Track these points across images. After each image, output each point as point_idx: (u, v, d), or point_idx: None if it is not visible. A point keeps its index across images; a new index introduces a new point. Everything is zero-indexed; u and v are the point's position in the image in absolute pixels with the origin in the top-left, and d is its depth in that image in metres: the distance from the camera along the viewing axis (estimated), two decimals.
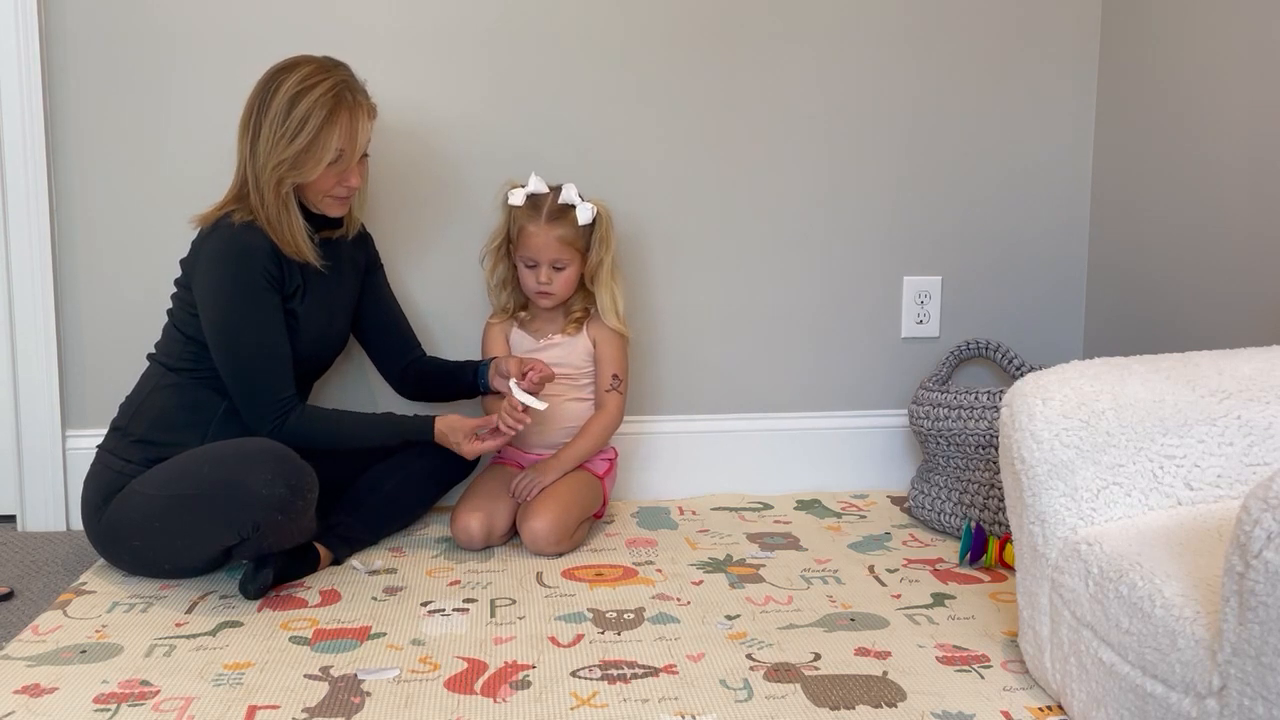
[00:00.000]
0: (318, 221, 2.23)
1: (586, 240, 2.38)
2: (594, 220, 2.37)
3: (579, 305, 2.45)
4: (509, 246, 2.42)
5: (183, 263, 2.20)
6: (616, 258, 2.43)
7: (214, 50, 2.44)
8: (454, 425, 2.23)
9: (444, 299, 2.58)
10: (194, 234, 2.19)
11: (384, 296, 2.42)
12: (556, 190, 2.37)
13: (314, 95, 2.10)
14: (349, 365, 2.50)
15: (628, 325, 2.46)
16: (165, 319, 2.23)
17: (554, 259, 2.36)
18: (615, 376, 2.45)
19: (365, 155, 2.22)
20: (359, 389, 2.54)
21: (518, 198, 2.37)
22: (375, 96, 2.19)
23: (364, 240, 2.38)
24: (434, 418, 2.24)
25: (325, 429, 2.19)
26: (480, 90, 2.53)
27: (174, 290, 2.21)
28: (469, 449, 2.23)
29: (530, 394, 2.26)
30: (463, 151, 2.53)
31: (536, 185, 2.37)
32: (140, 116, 2.45)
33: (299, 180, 2.14)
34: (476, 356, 2.51)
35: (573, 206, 2.36)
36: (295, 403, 2.15)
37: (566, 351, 2.44)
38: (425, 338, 2.53)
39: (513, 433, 2.24)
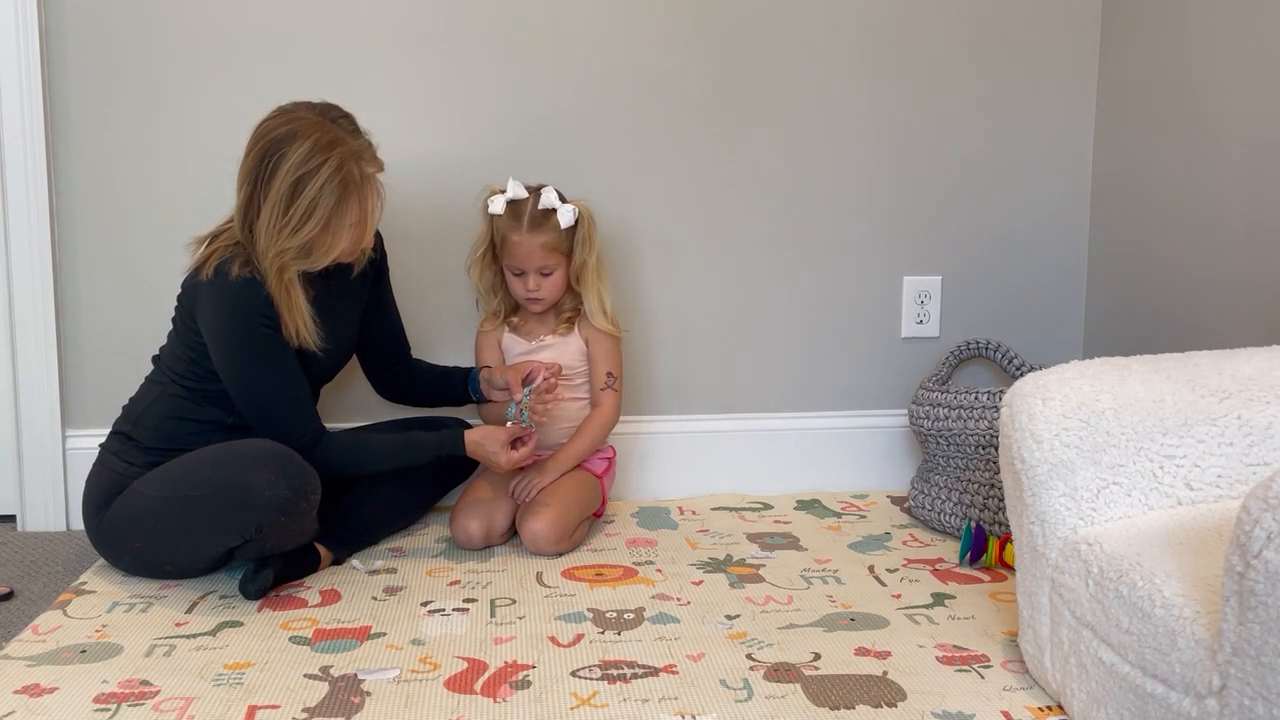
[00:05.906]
0: None
1: (570, 242, 2.36)
2: (576, 221, 2.35)
3: (569, 305, 2.44)
4: (494, 252, 2.40)
5: (184, 284, 2.13)
6: (601, 257, 2.40)
7: (213, 50, 2.44)
8: (488, 435, 2.20)
9: (439, 301, 2.57)
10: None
11: (386, 304, 2.39)
12: (536, 194, 2.34)
13: (319, 181, 1.96)
14: (347, 366, 2.49)
15: (620, 324, 2.45)
16: (166, 319, 2.21)
17: (540, 266, 2.34)
18: (610, 374, 2.44)
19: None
20: (357, 388, 2.53)
21: (498, 205, 2.34)
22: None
23: (374, 243, 2.31)
24: (463, 431, 2.21)
25: (352, 456, 2.17)
26: (477, 90, 2.53)
27: (178, 292, 2.16)
28: (506, 460, 2.20)
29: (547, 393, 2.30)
30: (458, 153, 2.53)
31: (515, 190, 2.33)
32: (141, 117, 2.45)
33: (306, 269, 2.07)
34: (469, 360, 2.51)
35: (554, 210, 2.33)
36: (319, 435, 2.13)
37: (559, 352, 2.44)
38: (420, 340, 2.52)
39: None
